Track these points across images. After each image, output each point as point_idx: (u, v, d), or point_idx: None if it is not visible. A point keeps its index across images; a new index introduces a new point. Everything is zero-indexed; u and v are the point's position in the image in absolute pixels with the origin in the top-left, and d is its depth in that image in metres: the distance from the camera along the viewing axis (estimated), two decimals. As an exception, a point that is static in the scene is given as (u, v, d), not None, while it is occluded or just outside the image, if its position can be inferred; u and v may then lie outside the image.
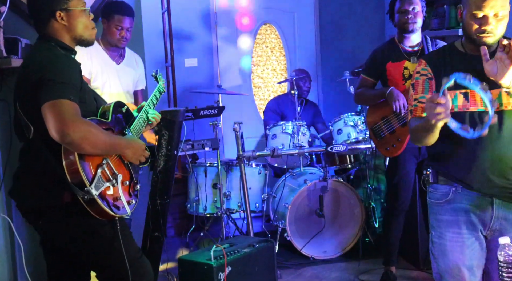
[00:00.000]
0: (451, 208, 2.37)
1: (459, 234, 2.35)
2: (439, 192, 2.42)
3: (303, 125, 4.68)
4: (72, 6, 2.37)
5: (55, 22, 2.36)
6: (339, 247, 4.52)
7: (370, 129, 3.85)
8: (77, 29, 2.39)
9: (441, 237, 2.41)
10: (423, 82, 2.37)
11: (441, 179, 2.40)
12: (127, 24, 3.64)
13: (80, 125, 2.15)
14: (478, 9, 2.21)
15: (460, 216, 2.35)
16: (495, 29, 2.24)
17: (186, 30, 5.80)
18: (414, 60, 3.70)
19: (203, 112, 4.21)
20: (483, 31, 2.23)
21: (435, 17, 4.85)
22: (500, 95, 2.27)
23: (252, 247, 3.32)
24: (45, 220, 2.35)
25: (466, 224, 2.35)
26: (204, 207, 4.65)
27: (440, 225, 2.41)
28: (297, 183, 4.60)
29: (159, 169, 3.38)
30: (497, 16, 2.22)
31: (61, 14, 2.36)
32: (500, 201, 2.31)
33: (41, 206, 2.32)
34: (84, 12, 2.41)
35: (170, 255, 4.19)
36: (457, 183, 2.36)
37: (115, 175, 2.35)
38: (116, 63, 3.74)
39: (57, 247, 2.45)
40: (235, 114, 5.83)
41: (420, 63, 2.42)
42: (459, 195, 2.36)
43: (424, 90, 2.35)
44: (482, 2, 2.20)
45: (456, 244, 2.36)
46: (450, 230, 2.37)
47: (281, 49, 6.19)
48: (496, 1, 2.19)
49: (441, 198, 2.40)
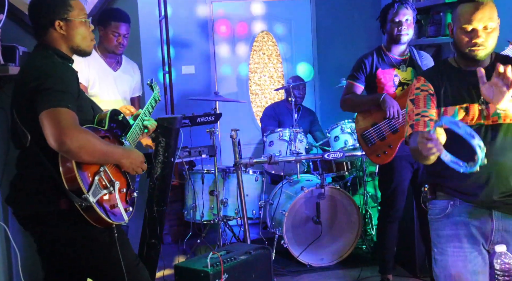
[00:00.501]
0: (451, 222, 2.36)
1: (460, 248, 2.33)
2: (438, 207, 2.41)
3: (300, 132, 4.69)
4: (72, 17, 2.39)
5: (54, 31, 2.37)
6: (336, 254, 4.52)
7: (360, 135, 3.83)
8: (75, 39, 2.40)
9: (442, 253, 2.38)
10: (425, 98, 2.37)
11: (439, 194, 2.40)
12: (124, 30, 3.66)
13: (77, 133, 2.15)
14: (467, 23, 2.25)
15: (460, 229, 2.33)
16: (486, 42, 2.27)
17: (184, 38, 5.82)
18: (404, 68, 3.72)
19: (200, 119, 4.22)
20: (474, 44, 2.26)
21: (432, 25, 4.87)
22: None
23: (248, 254, 3.32)
24: (41, 227, 2.35)
25: (467, 237, 2.32)
26: (201, 214, 4.65)
27: (440, 240, 2.39)
28: (294, 190, 4.60)
29: (156, 176, 3.39)
30: (486, 28, 2.25)
31: (61, 23, 2.37)
32: (499, 213, 2.31)
33: (38, 213, 2.32)
34: (84, 23, 2.43)
35: (167, 262, 4.18)
36: (455, 196, 2.35)
37: (112, 182, 2.35)
38: (113, 70, 3.75)
39: (54, 255, 2.45)
40: (232, 121, 5.83)
41: (419, 80, 2.43)
42: (458, 208, 2.35)
43: (426, 104, 2.35)
44: (470, 15, 2.24)
45: (458, 259, 2.32)
46: (451, 245, 2.35)
47: (278, 56, 6.21)
48: (484, 14, 2.23)
49: (440, 213, 2.39)
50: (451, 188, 2.35)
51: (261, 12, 6.06)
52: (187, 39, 5.86)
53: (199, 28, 5.91)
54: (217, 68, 6.00)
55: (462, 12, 2.27)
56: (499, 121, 2.28)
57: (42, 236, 2.39)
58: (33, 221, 2.35)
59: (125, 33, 3.67)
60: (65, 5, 2.39)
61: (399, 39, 3.67)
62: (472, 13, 2.24)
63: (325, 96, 6.18)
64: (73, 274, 2.53)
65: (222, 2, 5.95)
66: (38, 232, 2.39)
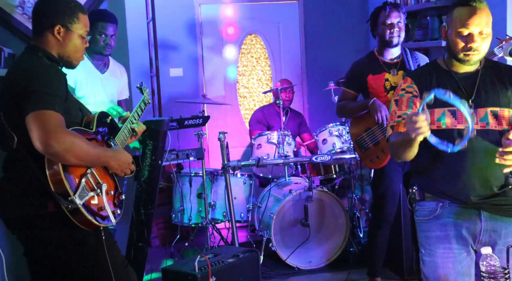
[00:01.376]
0: (440, 224, 2.36)
1: (450, 249, 2.34)
2: (426, 209, 2.41)
3: (288, 135, 4.69)
4: (74, 28, 2.39)
5: (50, 35, 2.37)
6: (324, 257, 4.52)
7: (354, 141, 3.85)
8: (67, 48, 2.40)
9: (431, 254, 2.38)
10: (408, 100, 2.38)
11: (428, 195, 2.40)
12: (111, 31, 3.64)
13: (64, 136, 2.14)
14: (463, 27, 2.24)
15: (449, 230, 2.35)
16: (480, 47, 2.26)
17: (172, 40, 5.81)
18: (394, 72, 3.73)
19: (188, 122, 4.21)
20: (469, 48, 2.25)
21: (419, 28, 4.90)
22: (486, 114, 2.30)
23: (236, 257, 3.32)
24: (29, 230, 2.33)
25: (457, 238, 2.34)
26: (189, 217, 4.63)
27: (429, 242, 2.39)
28: (282, 193, 4.60)
29: (144, 179, 3.38)
30: (482, 33, 2.25)
31: (61, 29, 2.36)
32: (488, 213, 2.32)
33: (25, 216, 2.30)
34: (82, 38, 2.43)
35: (154, 266, 4.17)
36: (443, 198, 2.36)
37: (99, 184, 2.34)
38: (100, 73, 3.73)
39: (41, 258, 2.42)
40: (220, 124, 5.84)
41: (405, 80, 2.43)
42: (447, 210, 2.36)
43: (408, 107, 2.37)
44: (467, 20, 2.23)
45: (448, 260, 2.34)
46: (441, 246, 2.36)
47: (266, 59, 6.22)
48: (481, 19, 2.22)
49: (429, 215, 2.40)
50: (439, 190, 2.36)
51: (249, 15, 6.07)
52: (175, 42, 5.85)
53: (187, 30, 5.90)
54: (205, 71, 6.00)
55: (459, 16, 2.25)
56: (487, 127, 2.29)
57: (31, 239, 2.37)
58: (21, 224, 2.33)
59: (112, 33, 3.65)
60: (72, 14, 2.39)
61: (391, 42, 3.68)
62: (469, 18, 2.23)
63: (313, 99, 6.20)
64: (60, 277, 2.51)
65: (210, 4, 5.95)
66: (26, 235, 2.37)
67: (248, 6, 6.06)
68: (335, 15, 6.20)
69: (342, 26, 6.20)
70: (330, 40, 6.19)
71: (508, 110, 2.31)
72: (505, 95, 2.32)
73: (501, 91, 2.32)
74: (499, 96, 2.31)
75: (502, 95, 2.31)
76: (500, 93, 2.32)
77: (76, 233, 2.29)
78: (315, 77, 6.15)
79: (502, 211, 2.32)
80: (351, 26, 6.17)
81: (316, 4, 6.15)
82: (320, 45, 6.19)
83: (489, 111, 2.30)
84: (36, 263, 2.47)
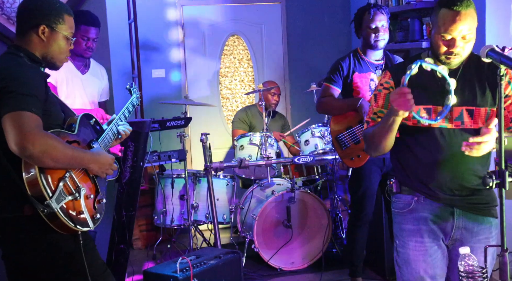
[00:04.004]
0: (413, 218, 2.42)
1: (421, 243, 2.40)
2: (402, 202, 2.46)
3: (270, 136, 4.69)
4: (59, 29, 2.37)
5: (35, 35, 2.34)
6: (306, 258, 4.53)
7: (334, 138, 3.85)
8: (51, 49, 2.37)
9: (404, 246, 2.45)
10: (384, 96, 2.41)
11: (404, 189, 2.44)
12: (93, 34, 3.64)
13: (40, 138, 2.11)
14: (446, 32, 2.23)
15: (422, 225, 2.40)
16: (462, 51, 2.27)
17: (154, 41, 5.79)
18: (379, 72, 3.75)
19: (170, 123, 4.20)
20: (450, 52, 2.26)
21: (400, 30, 4.93)
22: (462, 113, 2.32)
23: (218, 259, 3.31)
24: (5, 233, 2.30)
25: (428, 232, 2.39)
26: (171, 219, 4.62)
27: (403, 234, 2.46)
28: (264, 194, 4.61)
29: (125, 180, 3.36)
30: (464, 38, 2.25)
31: (45, 29, 2.34)
32: (461, 211, 2.37)
33: (1, 219, 2.27)
34: (67, 39, 2.40)
35: (136, 268, 4.15)
36: (419, 193, 2.40)
37: (78, 188, 2.30)
38: (81, 73, 3.71)
39: (16, 261, 2.39)
40: (203, 125, 5.83)
41: (385, 74, 2.44)
42: (421, 204, 2.40)
43: (384, 104, 2.40)
44: (451, 25, 2.22)
45: (419, 253, 2.40)
46: (413, 239, 2.41)
47: (249, 60, 6.22)
48: (464, 25, 2.22)
49: (404, 208, 2.44)
50: (415, 185, 2.40)
51: (232, 16, 6.06)
52: (157, 43, 5.83)
53: (169, 31, 5.88)
54: (187, 72, 5.98)
55: (443, 19, 2.24)
56: (461, 126, 2.32)
57: (6, 242, 2.34)
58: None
59: (94, 37, 3.66)
60: (58, 15, 2.36)
61: (377, 45, 3.68)
62: (452, 23, 2.21)
63: (296, 100, 6.21)
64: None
65: (192, 5, 5.94)
66: (1, 238, 2.34)
67: (231, 7, 6.06)
68: (318, 16, 6.22)
69: (325, 27, 6.22)
70: (313, 41, 6.21)
71: (484, 109, 2.32)
72: (483, 94, 2.33)
73: (480, 90, 2.33)
74: (476, 95, 2.33)
75: (480, 94, 2.33)
76: (478, 92, 2.33)
77: (52, 237, 2.26)
78: (297, 78, 6.17)
79: (476, 210, 2.37)
80: (334, 27, 6.20)
81: (298, 6, 6.17)
82: (302, 46, 6.21)
83: (465, 109, 2.31)
84: (12, 266, 2.44)
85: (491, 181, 1.88)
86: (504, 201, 1.89)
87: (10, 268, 2.47)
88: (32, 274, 2.41)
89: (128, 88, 3.13)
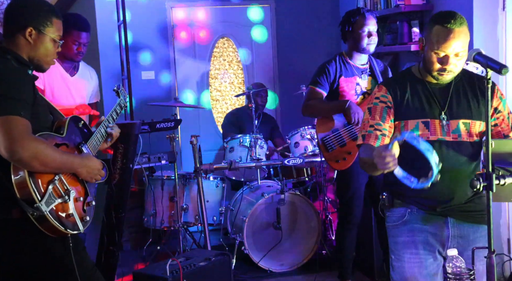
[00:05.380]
0: (407, 229, 2.40)
1: (416, 255, 2.37)
2: (395, 215, 2.45)
3: (260, 138, 4.70)
4: (47, 32, 2.35)
5: (22, 37, 2.33)
6: (296, 259, 4.54)
7: (320, 141, 3.84)
8: (38, 51, 2.36)
9: (399, 259, 2.42)
10: (382, 110, 2.39)
11: (397, 201, 2.44)
12: (85, 39, 3.63)
13: (29, 142, 2.10)
14: (439, 49, 2.24)
15: (416, 236, 2.38)
16: (455, 67, 2.29)
17: (143, 43, 5.78)
18: (364, 77, 3.76)
19: (160, 125, 4.20)
20: (444, 69, 2.28)
21: (389, 33, 4.96)
22: (459, 126, 2.34)
23: (208, 261, 3.32)
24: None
25: (423, 244, 2.37)
26: (161, 221, 4.62)
27: (397, 247, 2.44)
28: (254, 196, 4.61)
29: (115, 182, 3.35)
30: (457, 55, 2.26)
31: (32, 32, 2.33)
32: (454, 220, 2.37)
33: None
34: (54, 42, 2.39)
35: (126, 270, 4.14)
36: (412, 204, 2.40)
37: (67, 191, 2.30)
38: (70, 76, 3.70)
39: (6, 264, 2.38)
40: (193, 127, 5.83)
41: (380, 89, 2.43)
42: (415, 215, 2.40)
43: (381, 118, 2.38)
44: (444, 42, 2.23)
45: (414, 265, 2.37)
46: (408, 251, 2.39)
47: (238, 62, 6.23)
48: (458, 43, 2.23)
49: (398, 220, 2.43)
50: (408, 196, 2.40)
51: (221, 18, 6.07)
52: (147, 45, 5.82)
53: (159, 33, 5.88)
54: (177, 74, 5.98)
55: (437, 36, 2.24)
56: (458, 139, 2.33)
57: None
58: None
59: (85, 42, 3.65)
60: (46, 18, 2.35)
61: (368, 49, 3.69)
62: (446, 40, 2.22)
63: (285, 103, 6.22)
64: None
65: (182, 7, 5.94)
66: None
67: (220, 10, 6.06)
68: (307, 19, 6.24)
69: (314, 30, 6.24)
70: (302, 43, 6.23)
71: (480, 123, 2.35)
72: (477, 107, 2.36)
73: (473, 104, 2.36)
74: (471, 108, 2.35)
75: (474, 107, 2.35)
76: (472, 105, 2.36)
77: (42, 240, 2.26)
78: (287, 81, 6.18)
79: (470, 218, 2.37)
80: (323, 30, 6.22)
81: (287, 8, 6.18)
82: (291, 48, 6.23)
83: (461, 122, 2.34)
84: (2, 269, 2.43)
85: (478, 184, 1.90)
86: (492, 204, 1.91)
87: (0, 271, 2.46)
88: (21, 277, 2.40)
89: (115, 90, 3.12)
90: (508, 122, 2.39)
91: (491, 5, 3.91)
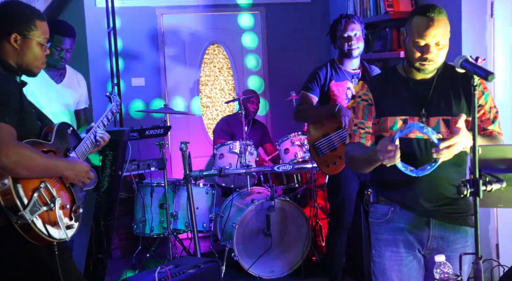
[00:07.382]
0: (390, 228, 2.44)
1: (397, 253, 2.42)
2: (379, 212, 2.48)
3: (250, 144, 4.70)
4: (32, 36, 2.34)
5: (7, 43, 2.32)
6: (286, 266, 4.53)
7: (311, 146, 3.87)
8: (26, 57, 2.35)
9: (380, 256, 2.47)
10: (363, 108, 2.43)
11: (381, 199, 2.47)
12: (67, 45, 3.56)
13: (13, 149, 2.09)
14: (420, 38, 2.27)
15: (398, 235, 2.42)
16: (436, 57, 2.31)
17: (133, 49, 5.77)
18: (356, 81, 3.79)
19: (149, 132, 4.19)
20: (425, 59, 2.30)
21: (378, 40, 4.99)
22: (438, 123, 2.35)
23: (197, 268, 3.30)
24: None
25: (404, 243, 2.41)
26: (151, 228, 4.59)
27: (379, 244, 2.48)
28: (244, 202, 4.60)
29: (103, 189, 3.34)
30: (438, 45, 2.29)
31: (17, 37, 2.31)
32: (436, 221, 2.39)
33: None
34: (41, 45, 2.38)
35: (116, 277, 4.12)
36: (395, 203, 2.42)
37: (53, 199, 2.28)
38: (55, 83, 3.65)
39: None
40: (183, 134, 5.82)
41: (362, 87, 2.47)
42: (398, 215, 2.43)
43: (364, 116, 2.42)
44: (424, 31, 2.26)
45: (395, 263, 2.42)
46: (389, 249, 2.44)
47: (229, 69, 6.23)
48: (438, 30, 2.26)
49: (381, 218, 2.46)
50: (391, 196, 2.43)
51: (211, 25, 6.07)
52: (137, 51, 5.81)
53: (149, 40, 5.87)
54: (167, 80, 5.97)
55: (417, 26, 2.29)
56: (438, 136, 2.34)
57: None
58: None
59: (68, 48, 3.57)
60: (29, 22, 2.34)
61: (351, 53, 3.74)
62: (426, 28, 2.26)
63: (276, 109, 6.23)
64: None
65: (172, 14, 5.94)
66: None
67: (211, 16, 6.07)
68: (297, 26, 6.25)
69: (304, 36, 6.26)
70: (292, 50, 6.24)
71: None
72: (458, 103, 2.36)
73: (455, 100, 2.36)
74: (451, 105, 2.36)
75: (455, 103, 2.36)
76: (453, 102, 2.36)
77: (27, 248, 2.24)
78: (277, 87, 6.18)
79: (452, 219, 2.39)
80: (313, 36, 6.23)
81: (278, 15, 6.20)
82: (282, 55, 6.24)
83: (441, 119, 2.34)
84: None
85: (465, 190, 1.90)
86: (478, 209, 1.92)
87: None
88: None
89: (108, 96, 3.11)
90: (489, 116, 2.39)
91: (479, 12, 3.93)
